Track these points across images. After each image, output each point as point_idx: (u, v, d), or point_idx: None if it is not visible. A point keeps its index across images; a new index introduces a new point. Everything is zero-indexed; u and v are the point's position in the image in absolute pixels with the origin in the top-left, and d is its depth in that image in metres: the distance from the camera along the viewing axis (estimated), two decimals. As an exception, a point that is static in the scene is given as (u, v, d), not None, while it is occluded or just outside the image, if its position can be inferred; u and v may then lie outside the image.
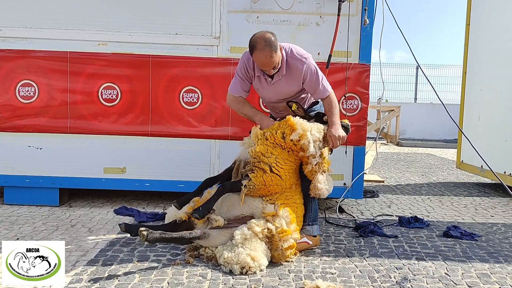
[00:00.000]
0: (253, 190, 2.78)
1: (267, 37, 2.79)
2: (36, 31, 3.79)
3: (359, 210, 4.15)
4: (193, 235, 2.71)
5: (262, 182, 2.78)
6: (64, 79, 3.82)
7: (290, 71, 2.96)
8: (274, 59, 2.81)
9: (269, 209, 2.77)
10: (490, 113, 5.33)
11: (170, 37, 3.83)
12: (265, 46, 2.76)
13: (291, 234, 2.69)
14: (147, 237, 2.52)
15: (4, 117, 3.83)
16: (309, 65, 2.95)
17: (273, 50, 2.78)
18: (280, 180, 2.82)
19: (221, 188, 2.84)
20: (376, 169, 6.93)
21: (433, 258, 2.86)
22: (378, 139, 12.35)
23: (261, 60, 2.83)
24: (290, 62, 2.95)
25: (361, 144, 3.95)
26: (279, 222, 2.70)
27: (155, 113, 3.88)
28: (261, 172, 2.79)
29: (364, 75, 3.87)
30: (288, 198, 2.87)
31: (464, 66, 5.89)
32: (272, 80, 3.00)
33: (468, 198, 4.87)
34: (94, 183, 3.92)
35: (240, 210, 2.84)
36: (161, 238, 2.60)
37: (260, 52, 2.79)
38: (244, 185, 2.78)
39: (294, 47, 2.99)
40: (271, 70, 2.89)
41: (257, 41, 2.80)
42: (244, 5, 3.80)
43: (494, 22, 5.32)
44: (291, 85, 3.02)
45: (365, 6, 3.76)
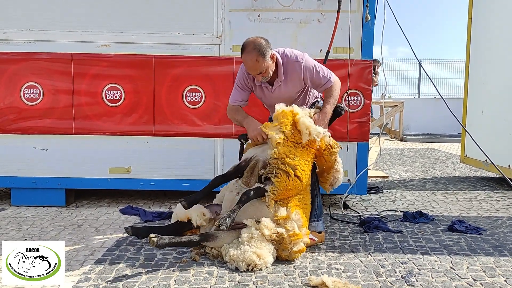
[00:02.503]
0: (276, 195, 2.67)
1: (257, 42, 2.83)
2: (40, 33, 3.82)
3: (364, 206, 4.16)
4: (201, 238, 2.68)
5: (285, 187, 2.67)
6: (68, 80, 3.85)
7: (288, 75, 3.00)
8: (261, 64, 2.83)
9: (281, 212, 2.67)
10: (493, 107, 5.32)
11: (172, 37, 3.85)
12: (253, 50, 2.80)
13: (302, 238, 2.66)
14: (157, 243, 2.52)
15: (9, 119, 3.87)
16: (306, 63, 2.97)
17: (260, 55, 2.81)
18: (301, 183, 2.74)
19: (244, 197, 2.65)
20: (380, 164, 6.93)
21: (438, 252, 2.87)
22: (382, 135, 12.37)
23: (247, 63, 2.88)
24: (287, 65, 2.98)
25: (365, 140, 3.96)
26: (291, 225, 2.64)
27: (159, 112, 3.90)
28: (285, 176, 2.67)
29: (366, 71, 3.88)
30: (300, 199, 2.82)
31: (467, 60, 5.88)
32: (273, 87, 3.04)
33: (472, 192, 4.87)
34: (100, 183, 3.95)
35: (249, 214, 2.73)
36: (170, 243, 2.60)
37: (247, 55, 2.83)
38: (270, 191, 2.65)
39: (288, 50, 3.03)
40: (258, 76, 2.91)
41: (247, 43, 2.86)
42: (245, 4, 3.82)
43: (496, 16, 5.31)
44: (292, 87, 3.05)
45: (366, 3, 3.77)
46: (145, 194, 4.39)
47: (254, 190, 2.69)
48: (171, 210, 3.73)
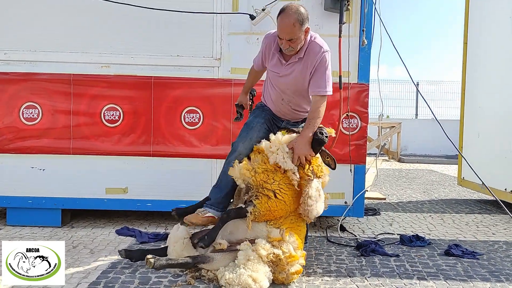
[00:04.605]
0: (259, 216, 2.73)
1: (299, 9, 2.74)
2: (40, 54, 3.86)
3: (361, 228, 4.15)
4: (197, 260, 2.70)
5: (267, 208, 2.73)
6: (67, 100, 3.88)
7: (307, 55, 2.88)
8: (296, 30, 2.72)
9: (274, 234, 2.72)
10: (489, 130, 5.36)
11: (171, 59, 3.90)
12: (294, 13, 2.70)
13: (298, 260, 2.67)
14: (154, 264, 2.54)
15: (8, 138, 3.88)
16: (326, 56, 2.87)
17: (298, 20, 2.70)
18: (285, 205, 2.78)
19: (225, 216, 2.78)
20: (378, 186, 6.93)
21: (435, 278, 2.86)
22: (380, 155, 12.40)
23: (283, 25, 2.73)
24: (311, 45, 2.88)
25: (362, 163, 3.98)
26: (287, 248, 2.66)
27: (157, 133, 3.93)
28: (266, 198, 2.73)
29: (363, 94, 3.92)
30: (293, 221, 2.84)
31: (463, 84, 5.96)
32: (287, 62, 2.93)
33: (469, 216, 4.87)
34: (96, 203, 3.94)
35: (244, 234, 2.79)
36: (167, 264, 2.62)
37: (286, 16, 2.72)
38: (250, 212, 2.72)
39: (320, 38, 2.94)
40: (286, 43, 2.77)
41: (289, 6, 2.75)
42: (244, 27, 3.88)
43: (490, 41, 5.39)
44: (304, 72, 2.91)
45: (363, 28, 3.84)
46: (141, 214, 4.38)
47: (236, 209, 2.82)
48: (167, 231, 3.72)
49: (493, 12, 5.32)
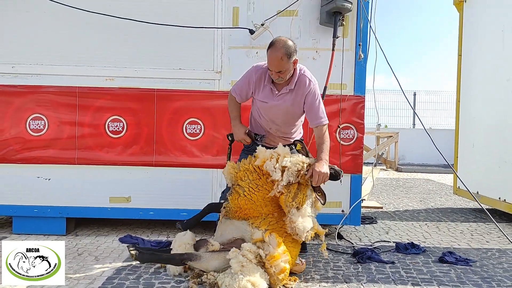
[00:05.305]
0: (230, 212, 3.00)
1: (287, 42, 2.94)
2: (47, 67, 3.99)
3: (358, 236, 4.25)
4: (184, 257, 2.88)
5: (237, 205, 2.97)
6: (73, 112, 4.00)
7: (298, 86, 3.11)
8: (284, 63, 2.94)
9: (257, 235, 2.88)
10: (484, 140, 5.48)
11: (174, 72, 4.03)
12: (281, 48, 2.91)
13: (280, 258, 2.75)
14: (136, 256, 2.69)
15: (14, 149, 3.99)
16: (314, 87, 3.14)
17: (286, 54, 2.91)
18: (254, 204, 2.95)
19: (207, 208, 3.19)
20: (375, 195, 7.04)
21: (428, 284, 2.96)
22: (378, 165, 12.49)
23: (271, 58, 2.95)
24: (300, 78, 3.12)
25: (358, 172, 4.09)
26: (267, 249, 2.79)
27: (159, 144, 4.04)
28: (237, 195, 2.97)
29: (359, 106, 4.05)
30: (272, 224, 2.95)
31: (458, 95, 6.09)
32: (279, 92, 3.14)
33: (464, 224, 4.97)
34: (100, 212, 4.04)
35: (231, 233, 3.01)
36: (150, 258, 2.79)
37: (274, 51, 2.93)
38: (224, 206, 3.02)
39: (308, 70, 3.18)
40: (276, 74, 2.99)
41: (277, 40, 2.96)
42: (244, 42, 4.02)
43: (484, 53, 5.54)
44: (295, 102, 3.14)
45: (359, 42, 3.98)
46: (144, 223, 4.48)
47: (215, 203, 3.26)
48: (169, 239, 3.82)
49: (486, 25, 5.48)
